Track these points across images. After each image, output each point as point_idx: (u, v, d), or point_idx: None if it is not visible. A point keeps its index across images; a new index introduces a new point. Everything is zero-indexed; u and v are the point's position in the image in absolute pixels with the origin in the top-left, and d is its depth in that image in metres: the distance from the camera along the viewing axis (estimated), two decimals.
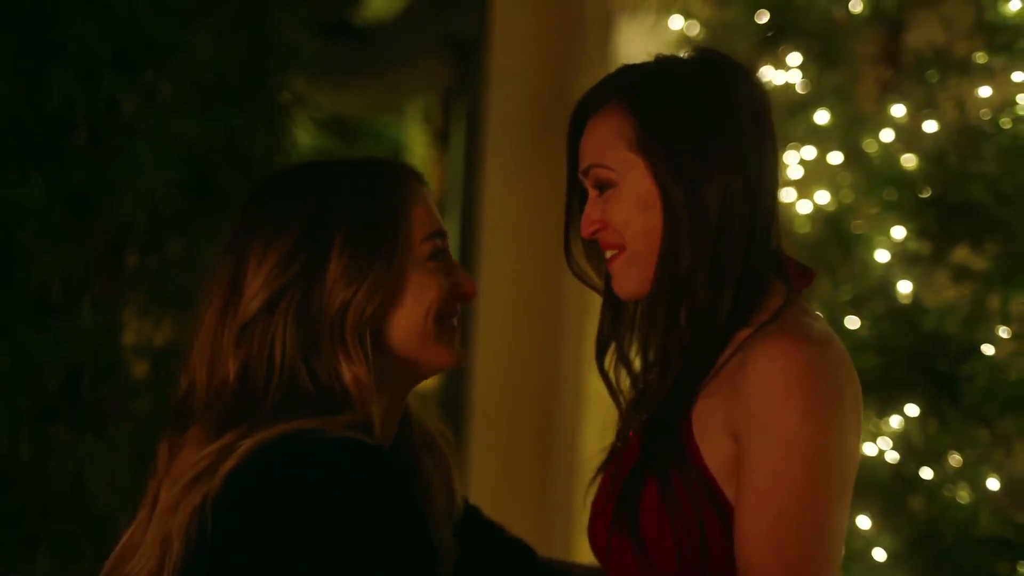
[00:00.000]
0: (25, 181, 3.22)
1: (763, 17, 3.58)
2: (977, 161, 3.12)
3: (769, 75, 3.54)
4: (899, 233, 3.22)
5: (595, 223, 1.89)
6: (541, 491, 5.32)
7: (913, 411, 3.12)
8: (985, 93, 3.13)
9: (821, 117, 3.46)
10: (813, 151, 3.46)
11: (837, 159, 3.42)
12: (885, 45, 3.58)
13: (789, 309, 1.83)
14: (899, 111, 3.28)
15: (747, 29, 3.61)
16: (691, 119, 1.84)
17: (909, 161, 3.25)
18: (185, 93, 3.35)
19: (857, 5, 3.50)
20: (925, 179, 3.21)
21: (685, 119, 1.84)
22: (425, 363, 1.89)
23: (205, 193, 3.40)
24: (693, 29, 3.69)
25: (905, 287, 3.20)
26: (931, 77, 3.22)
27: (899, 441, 3.13)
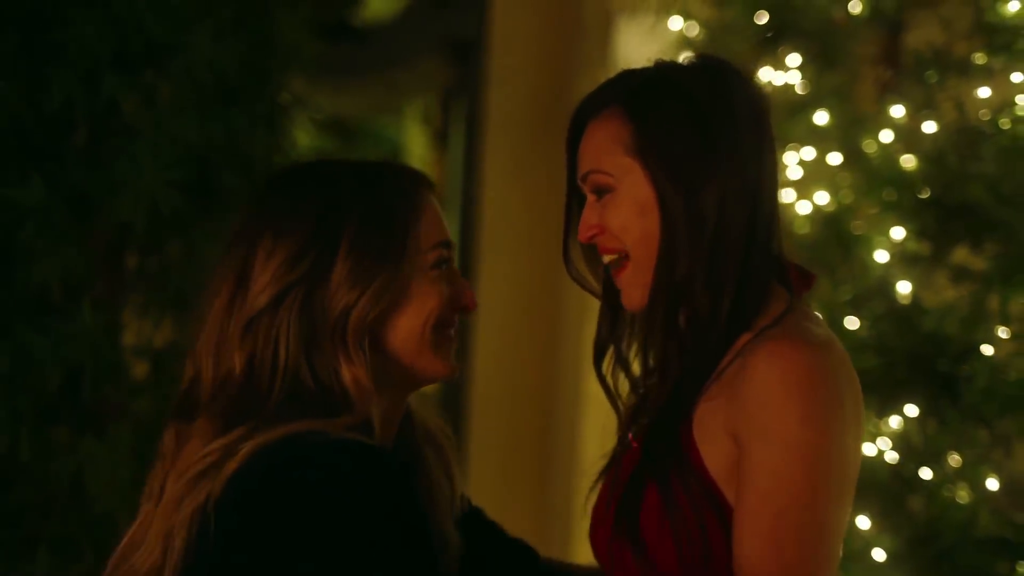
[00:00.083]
0: (25, 181, 3.23)
1: (762, 18, 3.58)
2: (976, 161, 3.12)
3: (768, 76, 3.54)
4: (898, 233, 3.22)
5: (593, 228, 1.89)
6: (540, 491, 5.33)
7: (912, 411, 3.12)
8: (984, 94, 3.13)
9: (820, 118, 3.46)
10: (812, 152, 3.46)
11: (836, 160, 3.42)
12: (884, 46, 3.58)
13: (791, 314, 1.83)
14: (898, 112, 3.28)
15: (746, 30, 3.61)
16: (689, 124, 1.85)
17: (908, 162, 3.25)
18: (185, 94, 3.35)
19: (856, 6, 3.50)
20: (924, 179, 3.21)
21: (683, 124, 1.85)
22: (420, 371, 1.90)
23: (205, 194, 3.40)
24: (692, 30, 3.69)
25: (904, 287, 3.20)
26: (930, 78, 3.22)
27: (898, 441, 3.13)
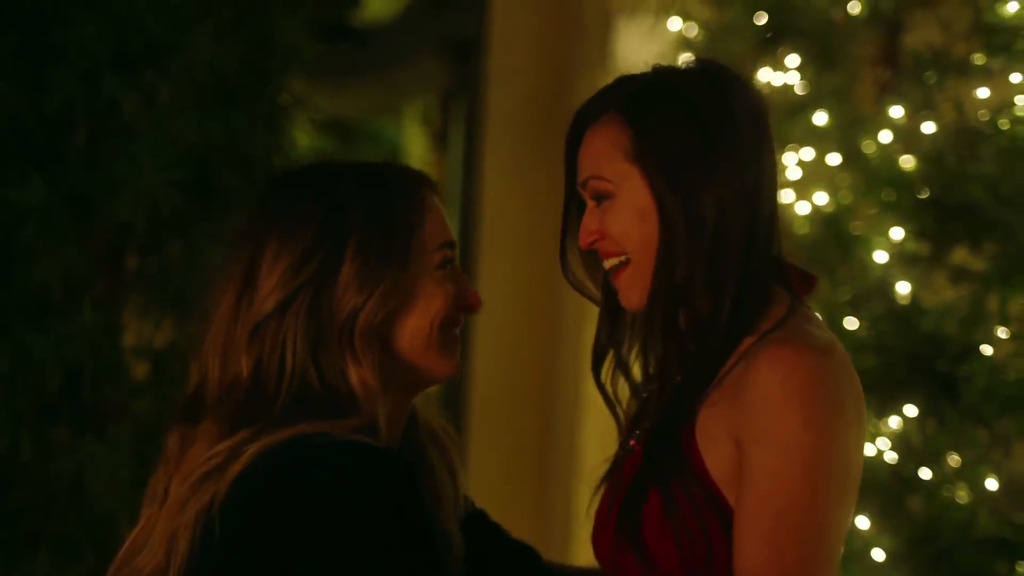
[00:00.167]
0: (25, 182, 3.23)
1: (761, 19, 3.59)
2: (975, 162, 3.12)
3: (767, 76, 3.55)
4: (898, 234, 3.22)
5: (593, 234, 1.89)
6: (540, 491, 5.33)
7: (912, 411, 3.12)
8: (983, 94, 3.13)
9: (819, 118, 3.46)
10: (811, 152, 3.46)
11: (835, 160, 3.42)
12: (883, 46, 3.58)
13: (792, 317, 1.83)
14: (897, 112, 3.28)
15: (745, 31, 3.61)
16: (687, 129, 1.85)
17: (907, 162, 3.25)
18: (185, 94, 3.35)
19: (855, 6, 3.50)
20: (923, 180, 3.21)
21: (681, 129, 1.85)
22: (426, 370, 1.90)
23: (205, 194, 3.40)
24: (692, 31, 3.70)
25: (904, 288, 3.21)
26: (929, 78, 3.23)
27: (898, 441, 3.13)
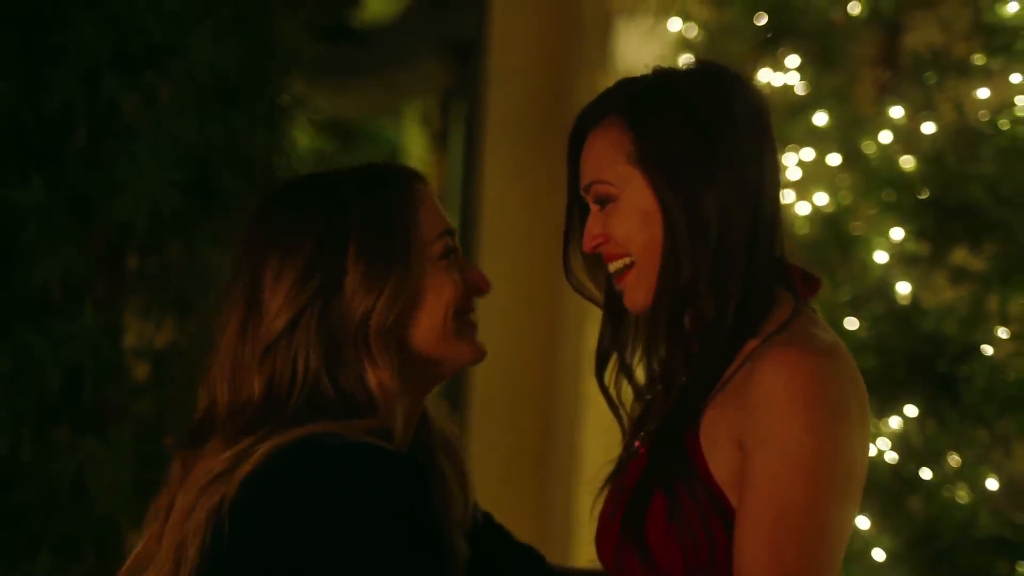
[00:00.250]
0: (26, 182, 3.23)
1: (761, 19, 3.59)
2: (975, 162, 3.12)
3: (767, 77, 3.55)
4: (898, 234, 3.23)
5: (597, 238, 1.89)
6: (540, 492, 5.33)
7: (912, 412, 3.13)
8: (983, 94, 3.14)
9: (819, 119, 3.46)
10: (812, 153, 3.46)
11: (836, 160, 3.43)
12: (883, 47, 3.58)
13: (797, 319, 1.83)
14: (897, 113, 3.29)
15: (745, 31, 3.61)
16: (688, 132, 1.84)
17: (907, 162, 3.26)
18: (185, 95, 3.35)
19: (855, 7, 3.51)
20: (923, 180, 3.21)
21: (682, 132, 1.85)
22: (448, 361, 1.90)
23: (205, 194, 3.40)
24: (692, 31, 3.70)
25: (904, 288, 3.21)
26: (929, 79, 3.23)
27: (898, 441, 3.14)
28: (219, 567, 1.74)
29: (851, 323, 3.24)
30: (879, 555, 3.09)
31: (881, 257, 3.24)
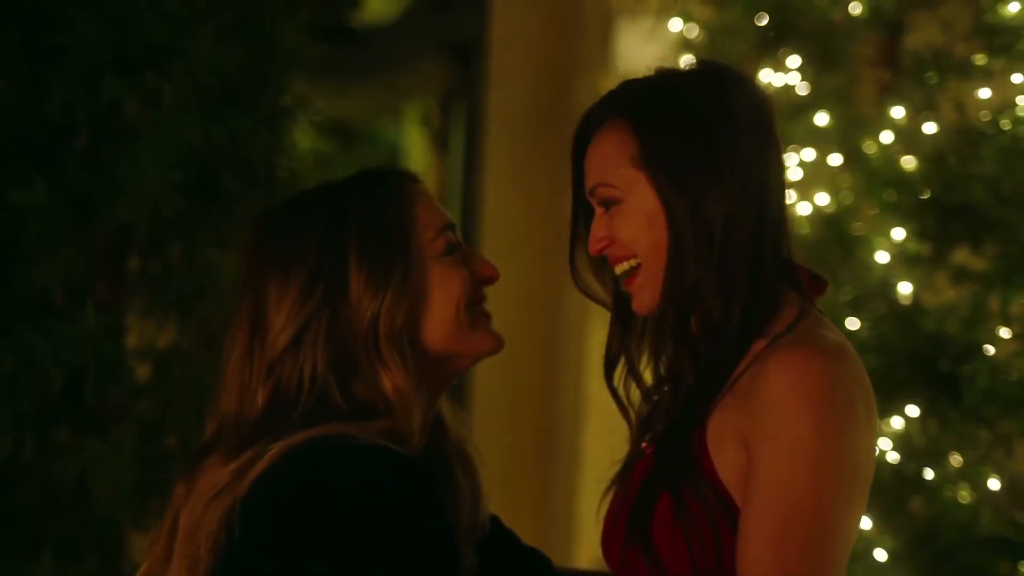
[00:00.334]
0: (27, 183, 3.23)
1: (762, 19, 3.59)
2: (976, 162, 3.13)
3: (768, 77, 3.55)
4: (899, 234, 3.23)
5: (602, 240, 1.89)
6: (541, 491, 5.33)
7: (914, 412, 3.13)
8: (984, 95, 3.14)
9: (821, 119, 3.46)
10: (813, 153, 3.46)
11: (837, 161, 3.43)
12: (884, 47, 3.58)
13: (804, 320, 1.82)
14: (898, 113, 3.29)
15: (746, 31, 3.61)
16: (691, 133, 1.84)
17: (909, 163, 3.26)
18: (186, 96, 3.35)
19: (856, 7, 3.50)
20: (925, 180, 3.21)
21: (685, 133, 1.84)
22: (466, 353, 1.90)
23: (206, 195, 3.40)
24: (692, 31, 3.70)
25: (905, 288, 3.21)
26: (930, 79, 3.23)
27: (900, 441, 3.14)
28: (229, 567, 1.74)
29: (852, 323, 3.24)
30: (881, 555, 3.09)
31: (882, 257, 3.24)
